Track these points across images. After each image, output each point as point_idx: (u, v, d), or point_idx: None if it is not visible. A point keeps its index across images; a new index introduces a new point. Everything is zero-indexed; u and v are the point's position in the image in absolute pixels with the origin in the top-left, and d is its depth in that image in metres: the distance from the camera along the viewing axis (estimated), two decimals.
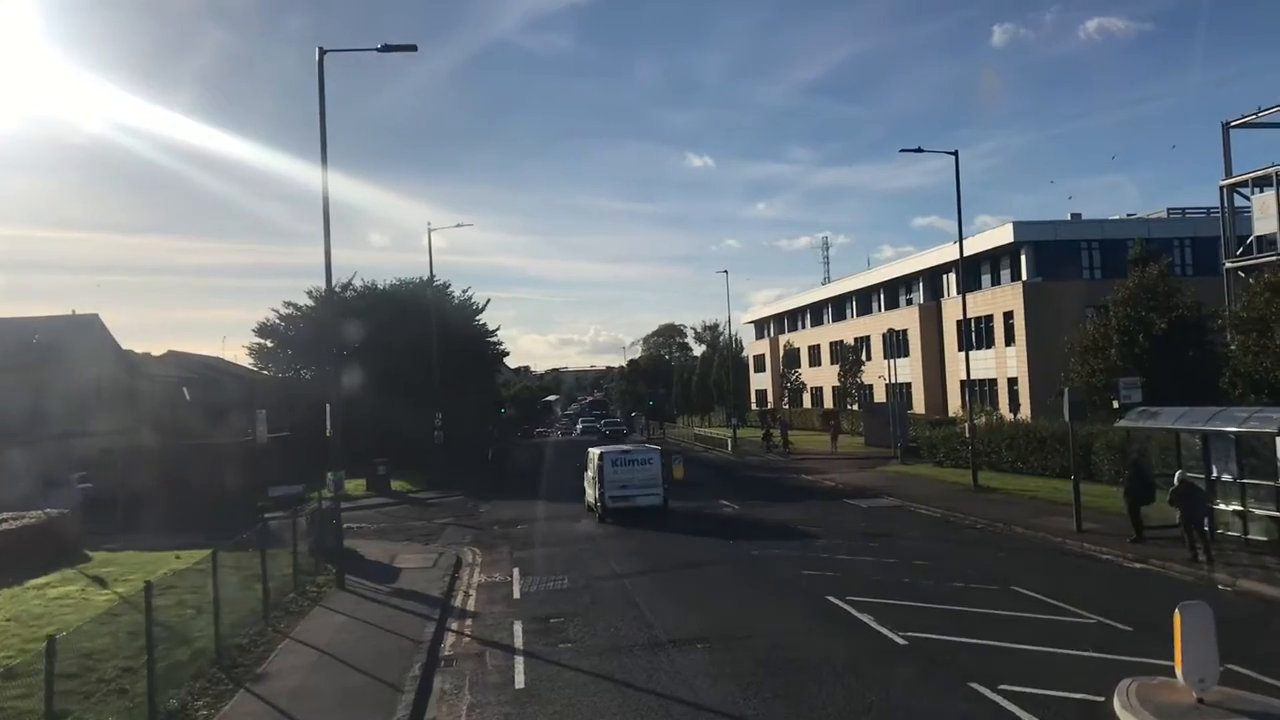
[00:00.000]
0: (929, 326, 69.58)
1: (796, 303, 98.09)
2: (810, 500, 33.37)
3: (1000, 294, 61.61)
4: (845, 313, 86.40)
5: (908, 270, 74.65)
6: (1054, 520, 25.69)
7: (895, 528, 26.32)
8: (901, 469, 42.30)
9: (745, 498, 34.67)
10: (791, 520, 28.23)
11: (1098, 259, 61.70)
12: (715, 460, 55.47)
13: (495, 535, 28.36)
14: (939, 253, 70.21)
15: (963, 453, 40.74)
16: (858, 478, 39.78)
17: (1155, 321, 37.36)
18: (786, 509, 31.04)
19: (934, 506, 29.89)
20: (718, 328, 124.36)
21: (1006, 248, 61.67)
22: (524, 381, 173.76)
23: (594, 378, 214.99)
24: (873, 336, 76.40)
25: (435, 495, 39.64)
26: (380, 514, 34.80)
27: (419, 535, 29.22)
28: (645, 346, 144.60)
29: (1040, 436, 36.04)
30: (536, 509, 34.45)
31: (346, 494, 37.88)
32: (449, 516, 33.43)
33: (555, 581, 20.74)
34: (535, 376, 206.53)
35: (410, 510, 35.55)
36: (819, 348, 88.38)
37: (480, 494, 39.91)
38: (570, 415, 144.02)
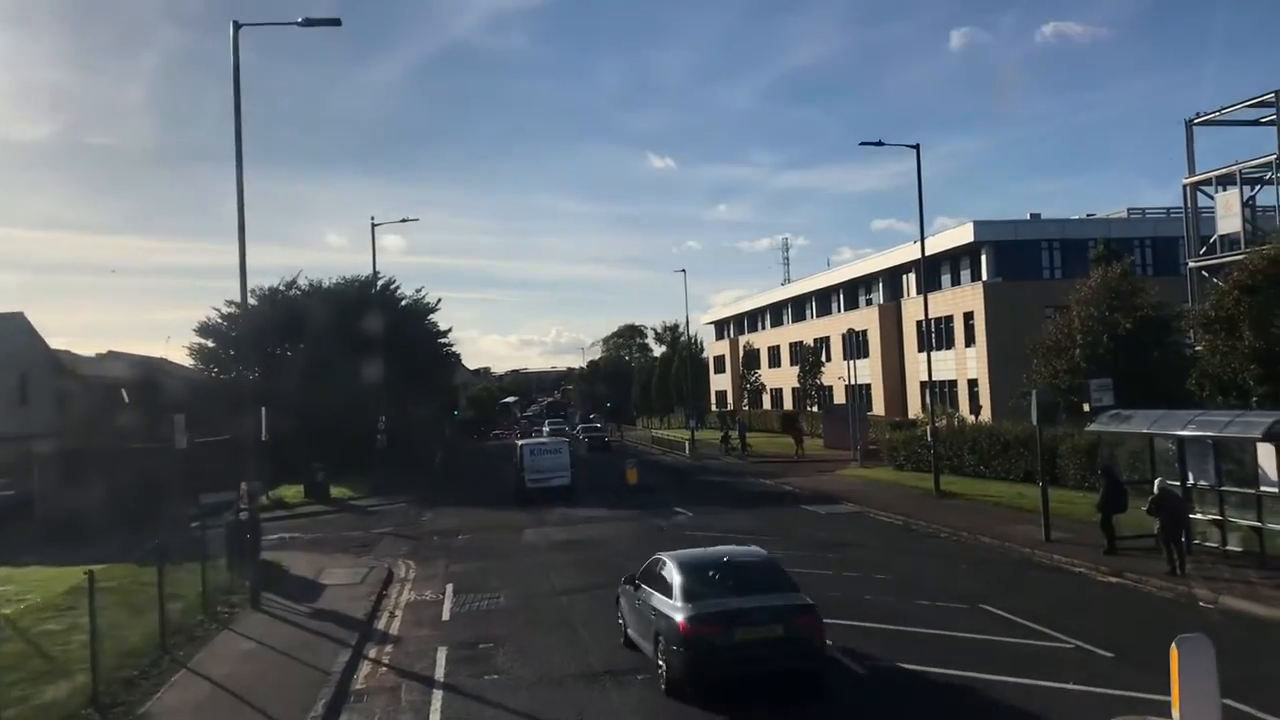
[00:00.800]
0: (889, 327, 68.58)
1: (756, 303, 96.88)
2: (767, 506, 31.93)
3: (960, 294, 60.63)
4: (805, 313, 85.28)
5: (867, 270, 73.60)
6: (1020, 528, 24.41)
7: (855, 536, 24.94)
8: (861, 472, 41.01)
9: (700, 504, 33.20)
10: (747, 528, 26.76)
11: (1058, 259, 60.88)
12: (672, 464, 54.10)
13: (434, 547, 26.66)
14: (899, 253, 69.17)
15: (924, 456, 39.46)
16: (816, 482, 38.42)
17: (1120, 321, 36.31)
18: (742, 516, 29.60)
19: (895, 513, 28.55)
20: (678, 328, 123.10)
21: (967, 247, 60.69)
22: (482, 383, 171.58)
23: (555, 379, 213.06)
24: (832, 337, 75.21)
25: (378, 502, 37.83)
26: (316, 523, 32.96)
27: (353, 546, 27.46)
28: (605, 347, 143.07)
29: (1004, 439, 34.85)
30: (481, 517, 32.77)
31: (283, 502, 36.31)
32: (389, 526, 31.69)
33: (489, 600, 19.12)
34: (495, 378, 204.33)
35: (349, 519, 33.75)
36: (779, 348, 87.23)
37: (425, 500, 38.16)
38: (530, 417, 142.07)
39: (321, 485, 37.55)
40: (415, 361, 54.63)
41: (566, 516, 31.41)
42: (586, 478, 45.19)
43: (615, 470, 44.49)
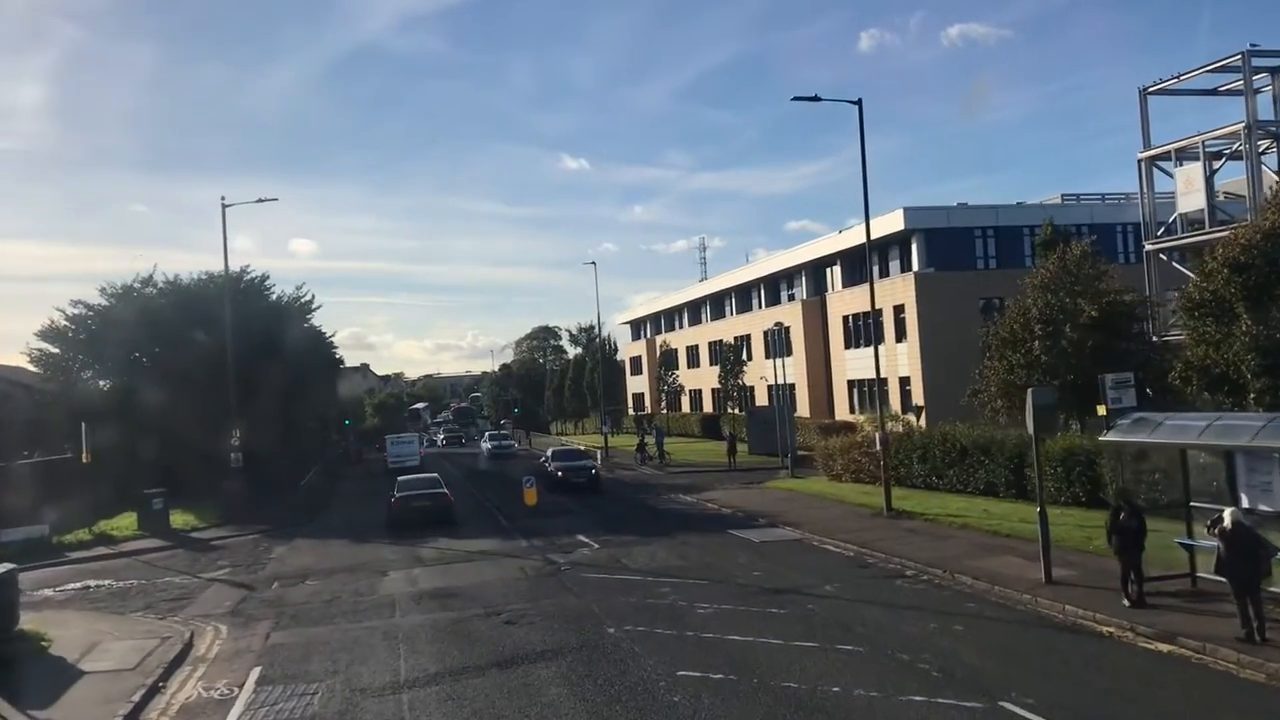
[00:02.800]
0: (812, 323, 63.72)
1: (674, 301, 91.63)
2: (690, 532, 26.36)
3: (890, 286, 55.96)
4: (725, 310, 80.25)
5: (790, 264, 68.76)
6: (1006, 562, 19.26)
7: (801, 577, 19.48)
8: (793, 484, 35.76)
9: (609, 530, 27.57)
10: (666, 567, 21.22)
11: (993, 248, 56.65)
12: None
13: (265, 600, 20.54)
14: (822, 244, 64.50)
15: (864, 465, 34.42)
16: (745, 497, 33.07)
17: (1084, 308, 31.67)
18: (660, 547, 24.01)
19: (843, 540, 23.21)
20: (592, 330, 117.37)
21: (896, 236, 56.14)
22: (391, 389, 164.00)
23: (469, 383, 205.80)
24: (754, 335, 70.26)
25: (227, 533, 31.36)
26: (137, 565, 26.52)
27: (165, 600, 21.24)
28: (518, 349, 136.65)
29: (960, 446, 29.78)
30: (342, 553, 26.69)
31: (108, 536, 29.79)
32: (226, 567, 25.43)
33: (301, 699, 13.23)
34: (408, 383, 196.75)
35: (182, 558, 27.33)
36: (698, 348, 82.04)
37: (285, 530, 31.87)
38: (439, 424, 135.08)
39: (159, 514, 30.96)
40: (291, 367, 48.09)
41: (445, 552, 25.48)
42: (479, 497, 39.32)
43: (515, 486, 38.68)
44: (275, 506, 36.84)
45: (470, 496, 39.92)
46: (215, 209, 39.12)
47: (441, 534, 28.88)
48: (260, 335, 44.74)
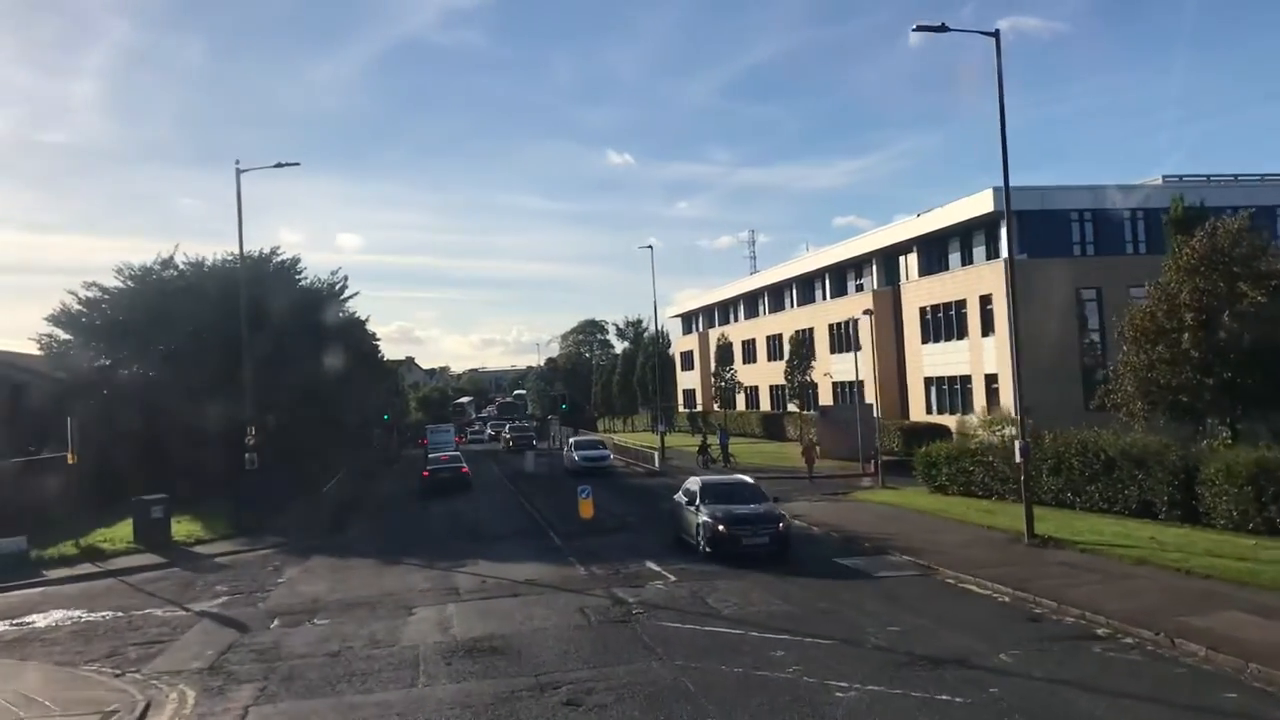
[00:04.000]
0: (884, 315, 58.35)
1: (729, 293, 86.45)
2: (789, 562, 21.32)
3: (976, 274, 50.77)
4: (785, 302, 75.03)
5: (858, 251, 63.41)
6: (1233, 620, 14.14)
7: (957, 637, 14.39)
8: (889, 497, 30.66)
9: (682, 555, 22.64)
10: (769, 614, 16.26)
11: (1090, 232, 51.06)
12: (639, 483, 42.75)
13: (256, 650, 15.80)
14: (897, 229, 59.14)
15: (977, 476, 29.29)
16: (836, 513, 28.04)
17: (1247, 293, 26.33)
18: (753, 581, 19.00)
19: (987, 578, 18.10)
20: (641, 323, 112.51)
21: (983, 219, 50.70)
22: (436, 383, 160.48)
23: (514, 378, 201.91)
24: (817, 328, 65.11)
25: (235, 548, 26.78)
26: (122, 588, 21.97)
27: (136, 644, 16.62)
28: (564, 344, 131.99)
29: (1104, 457, 24.47)
30: (362, 578, 21.98)
31: (97, 550, 25.30)
32: (222, 594, 20.81)
33: None
34: (454, 377, 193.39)
35: (174, 580, 22.76)
36: (754, 342, 76.93)
37: (302, 544, 27.30)
38: (484, 418, 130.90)
39: (157, 524, 26.43)
40: (324, 358, 43.67)
41: (485, 581, 20.65)
42: (526, 506, 34.59)
43: (567, 495, 34.03)
44: (295, 514, 32.25)
45: (515, 504, 35.29)
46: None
47: (482, 553, 24.20)
48: (289, 322, 40.38)
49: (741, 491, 23.19)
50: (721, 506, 22.00)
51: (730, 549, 21.04)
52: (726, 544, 21.12)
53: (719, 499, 22.45)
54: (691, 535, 22.67)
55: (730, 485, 23.90)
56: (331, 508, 33.25)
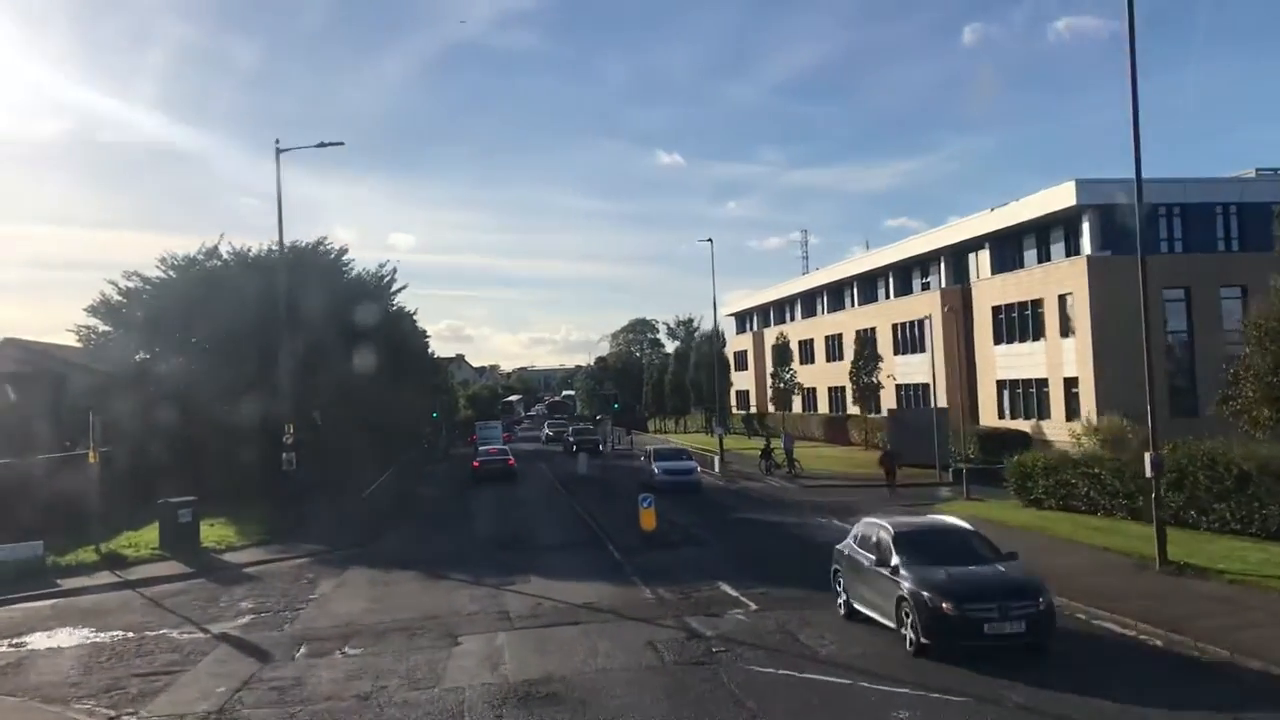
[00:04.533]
0: (952, 315, 55.22)
1: (785, 291, 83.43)
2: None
3: (1055, 272, 47.46)
4: (845, 301, 71.94)
5: (925, 249, 60.22)
6: None
7: (1125, 696, 11.53)
8: (978, 510, 27.71)
9: (760, 574, 19.94)
10: (878, 658, 13.61)
11: (1178, 228, 47.62)
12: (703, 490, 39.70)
13: (275, 688, 13.37)
14: (967, 224, 55.89)
15: (1080, 490, 26.32)
16: None
17: None
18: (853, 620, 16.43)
19: (1125, 613, 15.24)
20: (692, 323, 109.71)
21: (1062, 214, 47.47)
22: (486, 380, 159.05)
23: (562, 377, 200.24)
24: (880, 328, 61.93)
25: (268, 556, 24.45)
26: (139, 602, 19.73)
27: (140, 675, 14.34)
28: (614, 343, 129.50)
29: (1237, 471, 21.41)
30: (403, 596, 19.57)
31: (119, 556, 23.14)
32: (248, 611, 18.52)
33: None
34: (503, 376, 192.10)
35: (197, 594, 20.47)
36: (812, 342, 73.86)
37: (341, 552, 24.89)
38: (532, 416, 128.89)
39: (185, 529, 24.23)
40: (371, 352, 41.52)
41: (540, 603, 18.12)
42: (576, 513, 32.08)
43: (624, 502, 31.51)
44: (335, 518, 29.97)
45: (569, 512, 32.80)
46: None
47: (534, 566, 21.75)
48: (334, 315, 38.28)
49: (959, 543, 15.32)
50: (937, 571, 13.92)
51: (964, 639, 13.20)
52: (957, 632, 13.20)
53: (927, 556, 14.49)
54: (884, 610, 14.63)
55: (939, 533, 15.96)
56: (374, 512, 30.96)
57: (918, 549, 14.65)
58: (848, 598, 16.03)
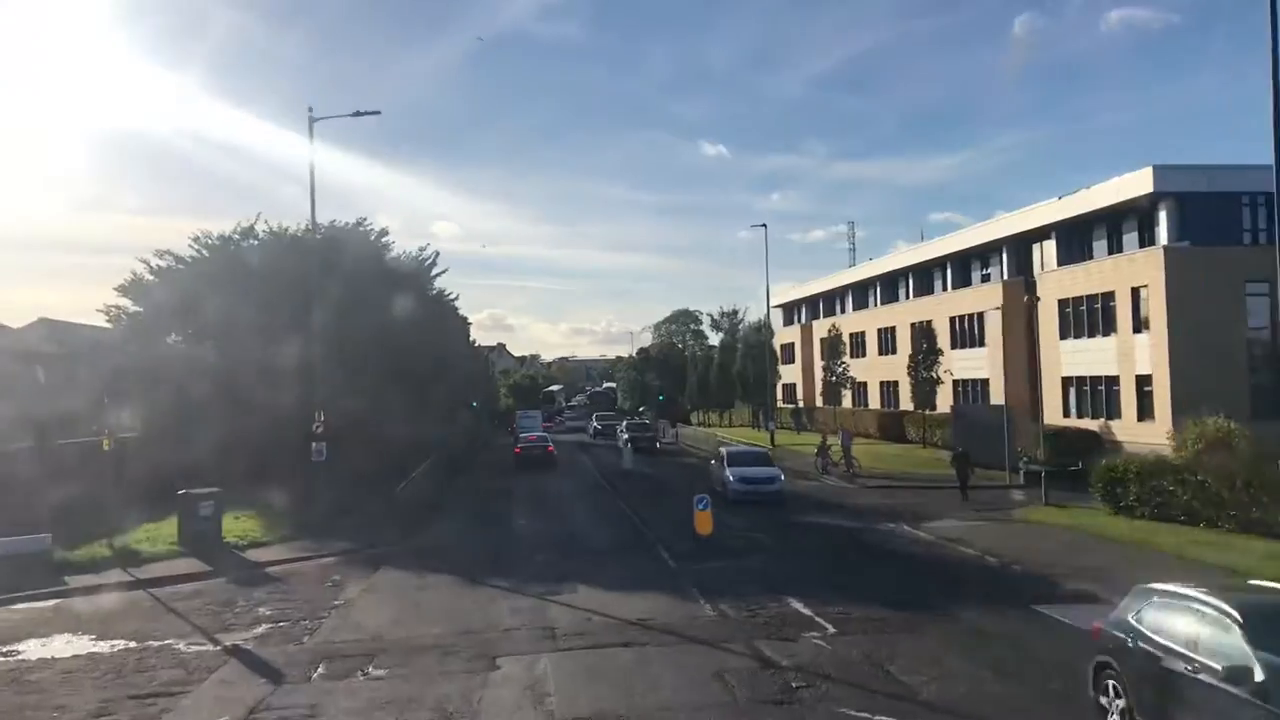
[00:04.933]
0: (1014, 308, 52.57)
1: (835, 283, 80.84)
2: (967, 603, 16.42)
3: (1127, 264, 44.66)
4: (898, 293, 69.33)
5: (985, 238, 57.49)
6: None
7: None
8: (1061, 518, 25.37)
9: (832, 587, 17.80)
10: (993, 699, 11.43)
11: (1262, 218, 44.67)
12: None
13: (286, 718, 11.60)
14: (1033, 213, 53.12)
15: (1177, 498, 23.87)
16: (1006, 539, 22.87)
17: None
18: (939, 639, 14.13)
19: None
20: (736, 314, 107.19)
21: (1135, 203, 44.70)
22: (526, 370, 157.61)
23: (604, 367, 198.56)
24: (936, 321, 59.24)
25: (294, 554, 22.59)
26: (148, 605, 17.93)
27: (137, 696, 12.46)
28: (657, 334, 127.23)
29: None
30: (438, 601, 17.63)
31: (132, 552, 21.41)
32: (264, 621, 16.61)
33: None
34: (544, 365, 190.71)
35: (213, 596, 18.63)
36: (863, 335, 71.25)
37: (372, 550, 23.05)
38: (574, 407, 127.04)
39: (206, 524, 22.47)
40: (410, 337, 39.76)
41: (590, 619, 16.04)
42: (623, 513, 30.00)
43: (674, 501, 29.48)
44: (369, 512, 28.10)
45: (615, 511, 30.76)
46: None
47: (580, 572, 19.73)
48: (373, 297, 36.54)
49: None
50: None
51: None
52: None
53: None
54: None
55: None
56: (408, 506, 29.12)
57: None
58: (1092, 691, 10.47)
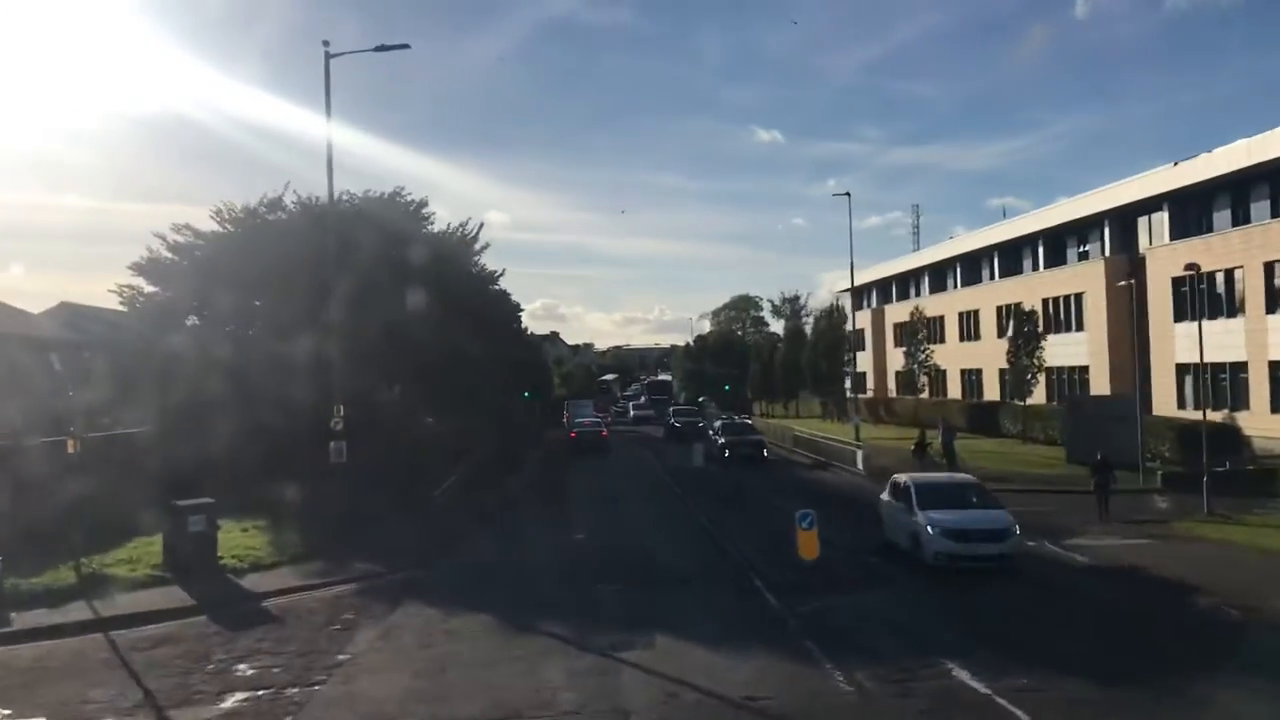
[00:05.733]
0: (1119, 288, 47.19)
1: (909, 264, 75.52)
2: (1226, 680, 11.55)
3: (1258, 235, 39.30)
4: (981, 274, 63.91)
5: (1084, 212, 51.93)
6: None
7: None
8: (1242, 536, 20.43)
9: (1002, 648, 13.01)
10: None
11: None
12: (846, 492, 31.60)
13: None
14: (1139, 183, 47.57)
15: None
16: (1187, 562, 18.03)
17: None
18: None
19: None
20: (798, 300, 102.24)
21: (1268, 167, 39.16)
22: (580, 359, 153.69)
23: (658, 356, 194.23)
24: (1025, 304, 53.83)
25: (302, 581, 18.12)
26: (101, 657, 13.59)
27: None
28: (715, 321, 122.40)
29: None
30: (475, 661, 13.20)
31: (105, 576, 17.37)
32: (239, 689, 12.22)
33: None
34: (598, 354, 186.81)
35: (183, 647, 14.13)
36: (942, 319, 65.84)
37: (395, 577, 18.59)
38: (628, 397, 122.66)
39: (197, 542, 18.24)
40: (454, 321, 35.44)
41: (673, 697, 11.44)
42: (701, 527, 25.18)
43: (758, 512, 24.81)
44: (398, 526, 23.60)
45: (691, 524, 25.98)
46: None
47: (654, 614, 15.22)
48: (410, 274, 32.31)
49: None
50: None
51: None
52: None
53: None
54: None
55: None
56: (444, 516, 24.78)
57: None
58: None
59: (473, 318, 37.09)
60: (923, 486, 20.16)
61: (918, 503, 19.25)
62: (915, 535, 18.88)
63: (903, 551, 19.60)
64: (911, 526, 19.10)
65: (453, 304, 34.73)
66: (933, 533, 18.29)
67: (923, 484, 20.47)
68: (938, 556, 18.15)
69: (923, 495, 19.49)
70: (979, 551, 18.10)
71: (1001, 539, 18.27)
